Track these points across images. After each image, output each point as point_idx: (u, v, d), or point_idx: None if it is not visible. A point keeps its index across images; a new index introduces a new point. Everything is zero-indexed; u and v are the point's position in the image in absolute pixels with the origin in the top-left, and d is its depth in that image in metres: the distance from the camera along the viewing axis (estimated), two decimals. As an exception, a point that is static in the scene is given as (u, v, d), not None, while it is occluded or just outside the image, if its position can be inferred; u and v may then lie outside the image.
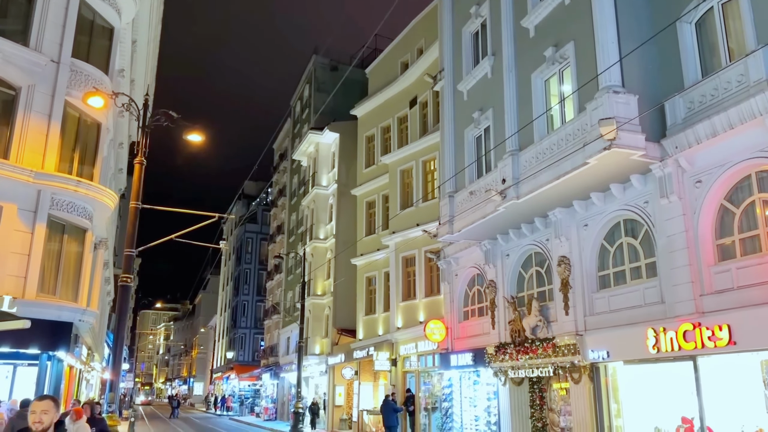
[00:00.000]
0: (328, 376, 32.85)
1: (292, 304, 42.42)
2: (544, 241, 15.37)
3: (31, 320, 13.81)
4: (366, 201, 29.55)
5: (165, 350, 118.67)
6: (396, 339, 23.68)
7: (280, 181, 52.98)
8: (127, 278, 15.30)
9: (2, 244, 13.96)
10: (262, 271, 62.19)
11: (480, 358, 16.88)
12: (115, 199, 17.05)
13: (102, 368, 31.67)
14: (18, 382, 14.96)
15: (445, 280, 19.93)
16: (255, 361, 58.30)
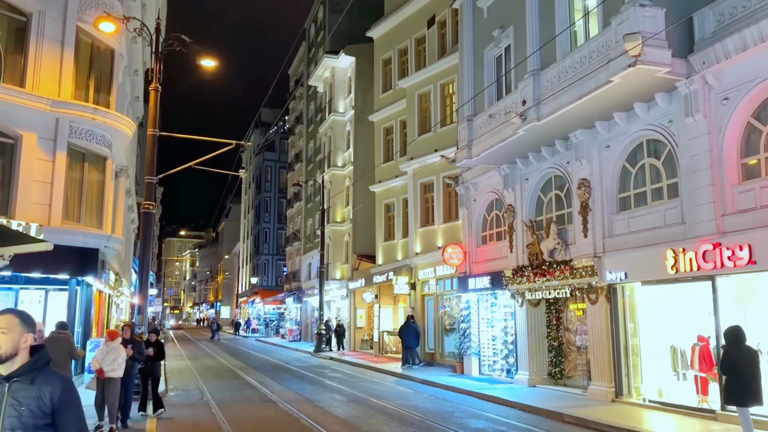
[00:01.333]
0: (349, 299, 33.69)
1: (312, 231, 43.03)
2: (564, 164, 15.15)
3: (58, 247, 14.29)
4: (383, 127, 29.23)
5: (191, 276, 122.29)
6: (415, 264, 24.01)
7: (297, 108, 52.46)
8: (149, 205, 15.56)
9: (25, 173, 14.16)
10: (282, 199, 62.81)
11: (497, 281, 17.08)
12: (133, 127, 17.07)
13: (131, 293, 32.78)
14: (50, 306, 15.56)
15: (463, 205, 19.91)
16: (278, 286, 59.87)
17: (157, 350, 12.18)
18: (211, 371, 22.08)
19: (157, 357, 12.18)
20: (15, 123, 14.03)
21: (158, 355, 12.25)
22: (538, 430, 10.77)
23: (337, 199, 36.32)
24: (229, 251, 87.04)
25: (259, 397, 14.97)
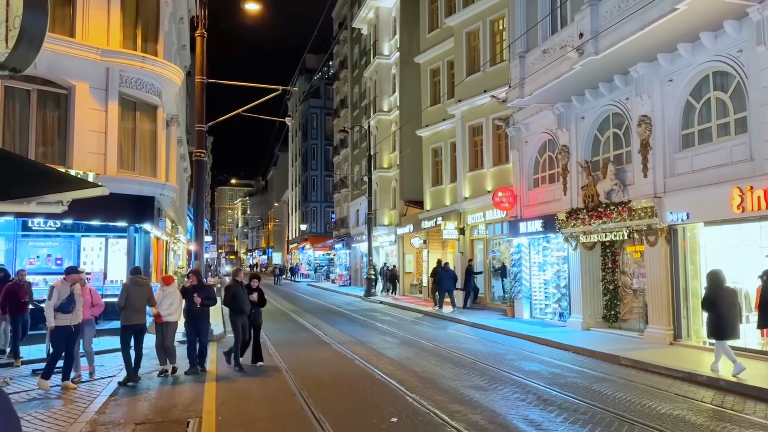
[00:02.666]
0: (398, 245, 33.85)
1: (359, 178, 43.06)
2: (623, 100, 14.42)
3: (115, 195, 14.65)
4: (430, 69, 28.47)
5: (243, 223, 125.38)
6: (463, 209, 23.75)
7: (341, 52, 51.71)
8: (201, 153, 15.76)
9: (80, 124, 14.46)
10: (328, 146, 62.87)
11: (550, 224, 16.71)
12: (181, 75, 17.11)
13: (187, 240, 33.82)
14: (110, 253, 16.14)
15: (514, 147, 19.38)
16: (327, 232, 60.69)
17: (259, 296, 11.72)
18: (266, 314, 22.51)
19: (259, 303, 11.77)
20: (67, 73, 14.24)
21: (261, 301, 11.79)
22: (594, 372, 10.64)
23: (383, 144, 36.03)
24: (278, 199, 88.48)
25: (314, 339, 15.32)
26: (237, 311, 11.36)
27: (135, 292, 10.02)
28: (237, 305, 11.33)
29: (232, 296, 11.30)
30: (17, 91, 13.81)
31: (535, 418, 7.51)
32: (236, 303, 11.30)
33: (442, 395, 8.70)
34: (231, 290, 11.46)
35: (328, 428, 6.98)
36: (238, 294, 11.33)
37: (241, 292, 11.35)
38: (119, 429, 7.09)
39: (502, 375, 10.26)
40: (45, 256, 15.61)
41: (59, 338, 9.08)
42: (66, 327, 9.06)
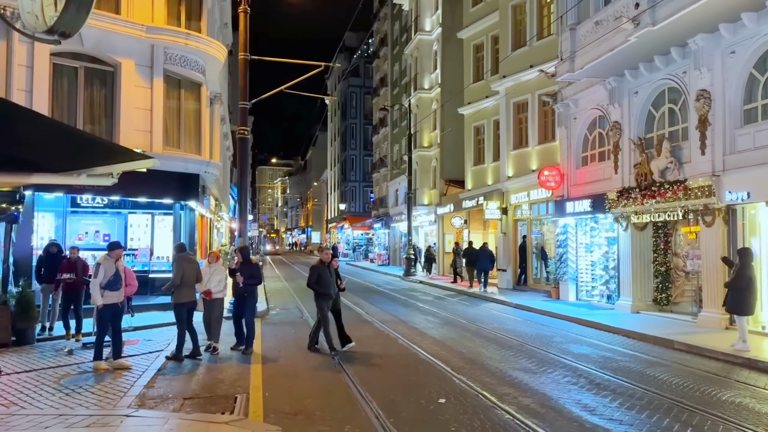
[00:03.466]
0: (437, 225, 33.56)
1: (398, 157, 42.76)
2: (681, 74, 13.73)
3: (161, 172, 14.77)
4: (473, 44, 27.82)
5: (283, 203, 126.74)
6: (506, 188, 23.27)
7: (381, 29, 51.14)
8: (244, 130, 15.75)
9: (126, 101, 14.58)
10: (367, 126, 62.63)
11: (599, 204, 16.17)
12: (224, 51, 17.08)
13: (229, 218, 34.25)
14: (156, 229, 16.36)
15: (561, 124, 18.77)
16: (366, 212, 60.75)
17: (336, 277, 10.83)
18: (308, 292, 22.68)
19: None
20: (113, 50, 14.34)
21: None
22: (647, 356, 10.26)
23: (423, 123, 35.60)
24: (317, 178, 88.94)
25: (356, 317, 15.28)
26: (321, 295, 10.43)
27: (190, 268, 10.01)
28: (321, 288, 10.40)
29: (317, 278, 10.35)
30: (65, 68, 13.99)
31: (588, 402, 7.24)
32: (320, 285, 10.38)
33: (489, 377, 8.49)
34: (316, 271, 10.44)
35: (376, 407, 6.87)
36: (323, 276, 10.40)
37: (326, 274, 10.44)
38: (168, 403, 7.12)
39: (551, 358, 9.98)
40: (93, 233, 15.93)
41: (106, 317, 8.86)
42: (113, 305, 8.89)
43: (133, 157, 4.68)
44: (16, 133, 3.90)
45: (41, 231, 14.62)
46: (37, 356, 9.85)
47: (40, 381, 8.11)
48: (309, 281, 10.47)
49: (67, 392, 7.57)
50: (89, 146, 4.51)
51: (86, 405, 6.95)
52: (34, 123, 3.96)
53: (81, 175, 4.88)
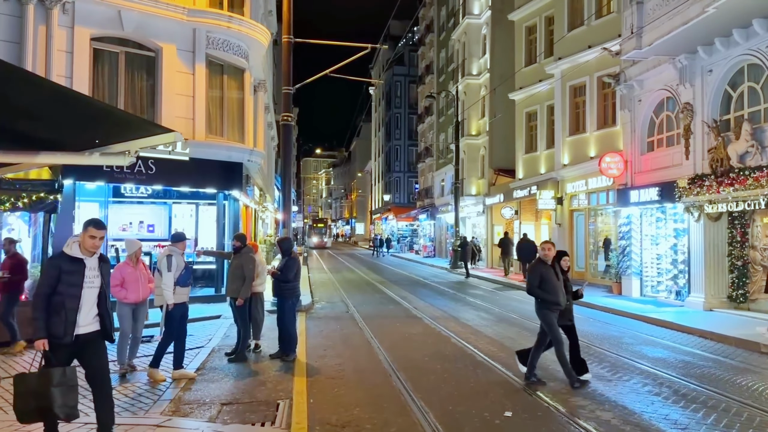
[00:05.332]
0: (486, 216, 32.47)
1: (445, 146, 41.73)
2: (764, 48, 12.35)
3: (203, 161, 14.37)
4: (525, 26, 26.52)
5: (327, 194, 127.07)
6: (562, 176, 22.06)
7: (427, 15, 49.98)
8: (288, 117, 15.15)
9: (168, 87, 14.16)
10: (412, 115, 61.67)
11: (668, 192, 14.91)
12: (268, 36, 16.50)
13: (274, 209, 33.98)
14: (201, 220, 15.93)
15: (624, 107, 17.47)
16: (410, 202, 59.94)
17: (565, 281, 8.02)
18: (352, 284, 22.26)
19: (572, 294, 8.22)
20: (154, 35, 13.91)
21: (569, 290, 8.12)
22: (732, 361, 9.15)
23: (471, 110, 34.46)
24: (361, 169, 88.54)
25: (403, 313, 14.54)
26: (547, 303, 7.65)
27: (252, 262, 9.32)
28: (547, 294, 7.63)
29: (539, 281, 7.69)
30: (106, 53, 13.63)
31: (677, 418, 6.28)
32: (545, 291, 7.64)
33: (558, 384, 7.60)
34: (537, 272, 7.75)
35: (433, 420, 6.09)
36: (548, 278, 7.64)
37: (551, 275, 7.68)
38: (205, 409, 6.52)
39: (624, 362, 8.99)
40: (137, 223, 15.64)
41: (176, 317, 7.77)
42: (182, 304, 7.86)
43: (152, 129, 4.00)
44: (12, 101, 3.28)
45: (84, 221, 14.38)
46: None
47: (75, 379, 7.65)
48: (529, 286, 7.83)
49: (100, 393, 7.05)
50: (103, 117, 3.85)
51: (118, 411, 6.40)
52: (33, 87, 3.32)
53: (93, 154, 4.25)
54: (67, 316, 4.71)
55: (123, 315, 7.89)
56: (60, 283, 4.72)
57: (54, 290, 4.71)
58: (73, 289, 4.76)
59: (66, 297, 4.72)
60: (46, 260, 4.86)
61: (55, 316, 4.70)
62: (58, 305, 4.70)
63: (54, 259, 4.89)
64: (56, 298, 4.71)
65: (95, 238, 4.77)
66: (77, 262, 4.81)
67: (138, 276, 7.93)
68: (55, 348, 4.72)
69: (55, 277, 4.73)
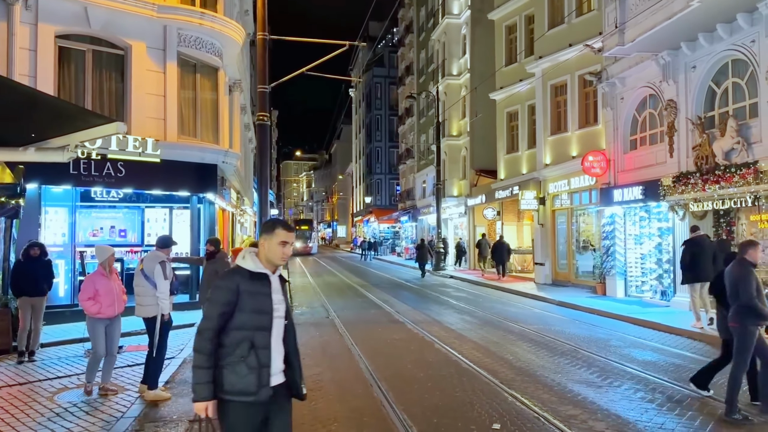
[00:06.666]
0: (468, 217, 32.23)
1: (426, 148, 41.44)
2: (748, 43, 12.19)
3: (176, 163, 13.85)
4: (505, 25, 26.31)
5: (308, 197, 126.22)
6: (544, 176, 21.84)
7: (406, 16, 49.75)
8: (264, 116, 14.67)
9: (137, 86, 13.60)
10: (392, 117, 61.39)
11: (652, 191, 14.71)
12: (242, 33, 16.00)
13: (253, 213, 33.34)
14: (175, 224, 15.36)
15: (606, 105, 17.27)
16: (392, 204, 59.61)
17: None
18: (333, 288, 21.79)
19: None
20: (123, 32, 13.36)
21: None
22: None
23: (452, 111, 34.21)
24: (342, 172, 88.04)
25: (385, 317, 14.12)
26: (760, 319, 6.16)
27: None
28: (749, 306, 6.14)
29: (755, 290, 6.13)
30: (72, 51, 13.04)
31: (674, 427, 5.95)
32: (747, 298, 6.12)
33: (547, 392, 7.24)
34: (749, 279, 6.16)
35: (417, 435, 5.69)
36: (760, 287, 6.18)
37: (760, 283, 6.24)
38: (171, 427, 6.04)
39: (614, 366, 8.67)
40: (108, 228, 15.03)
41: (168, 328, 7.22)
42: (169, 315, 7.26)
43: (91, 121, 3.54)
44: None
45: (54, 227, 13.76)
46: (36, 365, 8.91)
47: (32, 396, 7.13)
48: (747, 297, 6.11)
49: (58, 411, 6.56)
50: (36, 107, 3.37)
51: (75, 430, 5.91)
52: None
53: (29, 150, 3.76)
54: (258, 358, 3.16)
55: (96, 333, 7.03)
56: (240, 311, 3.18)
57: (228, 321, 3.19)
58: (262, 317, 3.23)
59: (252, 330, 3.19)
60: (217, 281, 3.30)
61: (238, 363, 3.13)
62: (240, 343, 3.16)
63: (228, 277, 3.27)
64: (235, 334, 3.17)
65: (287, 245, 3.34)
66: (261, 279, 3.29)
67: (113, 287, 7.10)
68: (237, 412, 3.16)
69: (230, 302, 3.18)
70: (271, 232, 3.35)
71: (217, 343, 3.16)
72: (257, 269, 3.29)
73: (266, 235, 3.38)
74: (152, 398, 6.87)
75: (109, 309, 7.03)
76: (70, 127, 3.56)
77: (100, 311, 6.97)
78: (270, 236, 3.35)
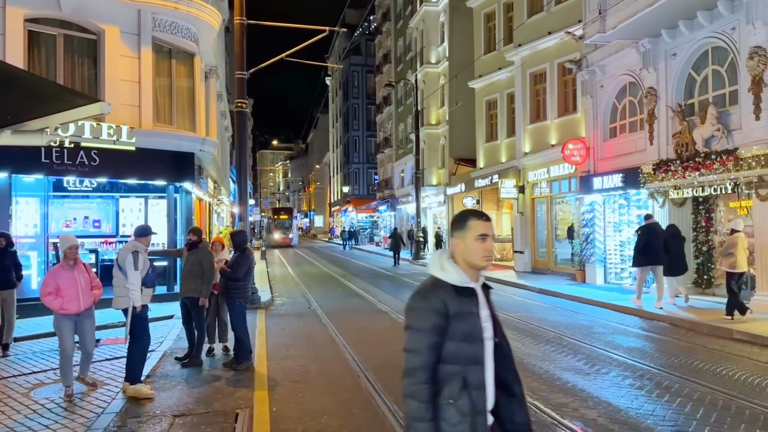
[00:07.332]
0: (447, 205, 32.22)
1: (404, 136, 41.30)
2: (729, 30, 12.26)
3: (152, 151, 13.49)
4: (484, 13, 26.22)
5: (285, 187, 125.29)
6: (523, 165, 21.88)
7: (383, 3, 49.39)
8: (242, 103, 14.37)
9: (111, 72, 13.18)
10: (370, 106, 61.03)
11: (632, 178, 14.80)
12: (219, 18, 15.60)
13: (230, 203, 32.91)
14: (150, 214, 14.99)
15: (586, 93, 17.31)
16: (370, 194, 59.38)
17: None
18: (313, 278, 21.61)
19: None
20: (95, 16, 12.92)
21: None
22: (708, 350, 8.94)
23: (431, 99, 34.08)
24: (319, 161, 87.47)
25: (368, 307, 14.01)
26: None
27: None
28: None
29: None
30: (42, 36, 12.56)
31: (665, 413, 5.94)
32: None
33: (536, 381, 7.20)
34: None
35: (409, 426, 5.57)
36: None
37: None
38: (155, 422, 5.85)
39: (600, 353, 8.68)
40: (82, 218, 14.62)
41: (146, 321, 6.94)
42: (146, 307, 6.94)
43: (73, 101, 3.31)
44: None
45: (25, 217, 13.32)
46: (10, 360, 8.60)
47: (7, 393, 6.87)
48: None
49: (35, 408, 6.31)
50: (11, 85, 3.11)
51: (54, 427, 5.68)
52: None
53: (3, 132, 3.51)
54: (473, 401, 2.38)
55: (63, 330, 6.62)
56: (448, 340, 2.40)
57: (440, 355, 2.40)
58: (474, 347, 2.44)
59: (464, 365, 2.41)
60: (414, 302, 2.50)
61: (447, 407, 2.36)
62: (448, 381, 2.38)
63: (429, 296, 2.46)
64: (442, 369, 2.39)
65: (486, 238, 2.52)
66: (469, 295, 2.50)
67: (76, 280, 6.63)
68: None
69: (440, 328, 2.39)
70: (463, 226, 2.55)
71: (434, 383, 2.37)
72: (464, 283, 2.48)
73: (458, 231, 2.56)
74: (132, 394, 6.61)
75: (72, 304, 6.58)
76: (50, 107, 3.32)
77: (63, 306, 6.54)
78: (463, 232, 2.53)
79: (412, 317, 2.46)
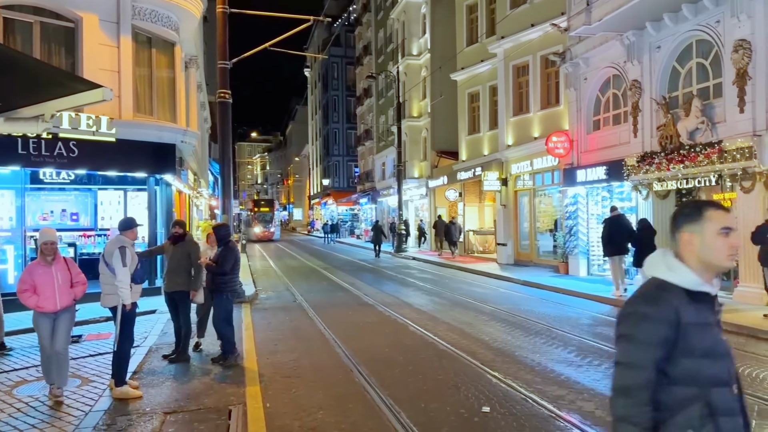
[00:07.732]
0: (429, 198, 32.21)
1: (385, 129, 41.13)
2: (713, 23, 12.35)
3: (132, 142, 13.19)
4: (466, 5, 26.16)
5: (263, 179, 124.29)
6: (506, 157, 21.91)
7: (364, -5, 48.97)
8: (225, 93, 14.11)
9: (90, 61, 12.82)
10: (350, 98, 60.67)
11: (615, 171, 14.89)
12: (200, 6, 15.26)
13: (209, 195, 32.48)
14: (130, 207, 14.66)
15: (570, 86, 17.35)
16: (350, 187, 59.13)
17: None
18: (296, 271, 21.43)
19: None
20: (73, 3, 12.56)
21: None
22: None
23: (413, 92, 33.96)
24: (298, 154, 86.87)
25: (354, 300, 13.91)
26: None
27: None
28: None
29: None
30: (17, 23, 12.17)
31: (660, 404, 5.95)
32: None
33: (529, 373, 7.18)
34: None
35: (406, 421, 5.51)
36: None
37: None
38: (146, 420, 5.69)
39: (589, 345, 8.71)
40: (59, 211, 14.25)
41: (133, 319, 6.66)
42: (135, 304, 6.63)
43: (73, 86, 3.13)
44: None
45: (1, 211, 12.96)
46: (-12, 358, 8.34)
47: (-12, 392, 6.63)
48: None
49: (19, 406, 6.11)
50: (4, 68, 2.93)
51: (40, 426, 5.49)
52: None
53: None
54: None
55: (41, 328, 6.29)
56: (684, 355, 1.99)
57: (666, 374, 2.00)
58: (718, 364, 2.02)
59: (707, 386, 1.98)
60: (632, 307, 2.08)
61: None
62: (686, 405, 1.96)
63: (657, 300, 2.04)
64: (677, 391, 1.98)
65: (730, 231, 2.10)
66: (705, 302, 2.09)
67: (53, 277, 6.24)
68: None
69: (667, 340, 1.98)
70: (698, 218, 2.08)
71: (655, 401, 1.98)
72: (700, 286, 2.06)
73: (690, 225, 2.09)
74: (119, 396, 6.33)
75: (48, 302, 6.20)
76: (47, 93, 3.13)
77: (39, 304, 6.19)
78: (698, 225, 2.07)
79: (633, 325, 2.05)
